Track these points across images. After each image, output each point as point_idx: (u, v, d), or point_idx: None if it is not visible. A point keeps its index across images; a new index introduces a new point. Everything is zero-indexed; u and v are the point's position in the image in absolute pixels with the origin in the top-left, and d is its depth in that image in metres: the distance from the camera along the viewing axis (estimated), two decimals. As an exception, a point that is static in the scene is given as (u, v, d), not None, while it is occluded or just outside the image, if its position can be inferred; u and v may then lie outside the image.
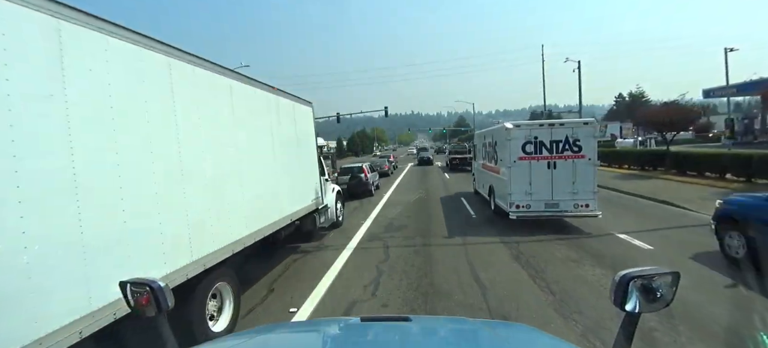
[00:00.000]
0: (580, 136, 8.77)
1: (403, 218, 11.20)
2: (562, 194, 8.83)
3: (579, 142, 8.75)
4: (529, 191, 8.93)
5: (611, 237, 8.02)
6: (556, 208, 8.90)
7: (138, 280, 1.36)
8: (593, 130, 8.98)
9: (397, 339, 1.40)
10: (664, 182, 15.29)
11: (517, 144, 8.97)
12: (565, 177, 8.80)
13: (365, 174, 16.61)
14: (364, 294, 5.49)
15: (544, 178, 8.88)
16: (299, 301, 5.32)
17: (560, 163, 8.83)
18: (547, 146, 8.87)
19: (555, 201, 8.87)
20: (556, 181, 8.84)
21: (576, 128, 8.87)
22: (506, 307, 4.83)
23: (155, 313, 1.31)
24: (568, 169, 8.80)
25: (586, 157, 8.75)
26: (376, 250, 7.84)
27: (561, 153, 8.83)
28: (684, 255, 6.48)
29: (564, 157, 8.82)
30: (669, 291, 1.12)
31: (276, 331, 1.82)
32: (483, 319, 1.93)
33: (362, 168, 16.92)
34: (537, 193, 8.92)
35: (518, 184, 8.97)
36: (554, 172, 8.84)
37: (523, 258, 6.79)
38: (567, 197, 8.81)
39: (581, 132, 8.81)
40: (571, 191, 8.79)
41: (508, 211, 9.10)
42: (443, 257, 7.11)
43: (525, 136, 8.96)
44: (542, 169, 8.89)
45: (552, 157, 8.86)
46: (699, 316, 4.22)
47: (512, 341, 1.39)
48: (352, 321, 1.66)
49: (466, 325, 1.69)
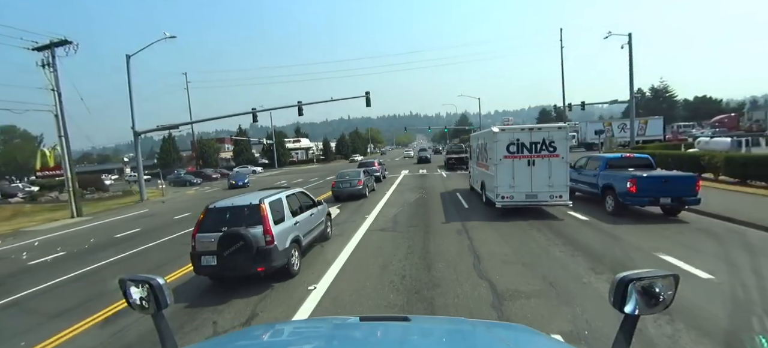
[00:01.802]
0: (555, 139, 10.52)
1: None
2: (540, 187, 10.57)
3: (554, 143, 10.50)
4: (513, 184, 10.67)
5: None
6: (535, 198, 10.65)
7: (138, 278, 1.34)
8: (566, 133, 10.73)
9: (396, 339, 1.41)
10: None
11: (503, 145, 10.71)
12: (543, 173, 10.54)
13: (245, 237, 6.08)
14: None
15: (525, 174, 10.62)
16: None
17: (538, 161, 10.58)
18: (528, 147, 10.61)
19: (534, 193, 10.62)
20: (534, 176, 10.58)
21: (551, 132, 10.63)
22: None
23: (155, 311, 1.30)
24: (545, 166, 10.54)
25: (560, 156, 10.50)
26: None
27: (539, 153, 10.57)
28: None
29: (541, 156, 10.57)
30: (669, 294, 1.11)
31: (275, 330, 1.83)
32: (481, 320, 2.01)
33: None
34: (519, 186, 10.66)
35: (503, 178, 10.71)
36: (533, 168, 10.59)
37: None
38: (544, 190, 10.56)
39: (556, 135, 10.56)
40: (547, 185, 10.53)
41: (495, 201, 10.84)
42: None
43: (509, 139, 10.70)
44: (523, 166, 10.63)
45: (531, 156, 10.61)
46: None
47: (510, 342, 1.39)
48: (351, 320, 1.67)
49: (465, 326, 1.70)
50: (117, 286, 1.37)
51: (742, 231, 8.13)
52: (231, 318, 5.35)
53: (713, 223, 8.93)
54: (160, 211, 20.61)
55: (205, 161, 61.61)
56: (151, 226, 15.33)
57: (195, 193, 31.63)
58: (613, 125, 42.85)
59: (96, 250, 11.46)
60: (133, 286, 1.33)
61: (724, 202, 10.63)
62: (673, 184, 9.44)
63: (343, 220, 11.90)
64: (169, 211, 19.96)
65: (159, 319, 1.30)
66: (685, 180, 9.47)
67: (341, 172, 18.10)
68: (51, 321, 6.01)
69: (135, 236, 13.25)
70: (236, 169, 52.97)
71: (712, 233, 8.07)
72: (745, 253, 6.64)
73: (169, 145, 63.84)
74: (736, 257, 6.42)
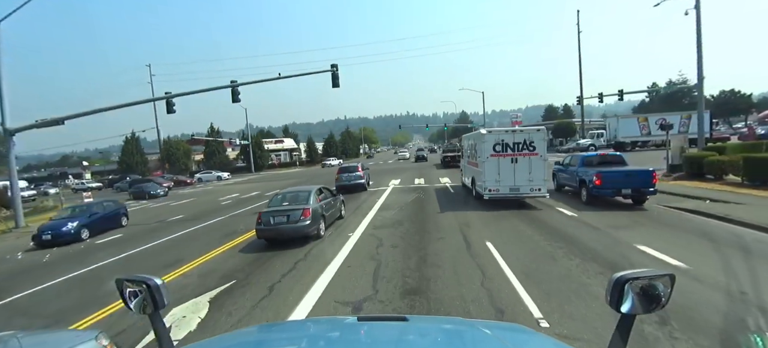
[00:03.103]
0: (534, 140, 12.11)
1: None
2: (521, 181, 12.15)
3: (533, 143, 12.09)
4: (498, 179, 12.25)
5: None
6: (518, 191, 12.23)
7: (135, 278, 1.33)
8: (544, 135, 12.34)
9: (394, 339, 1.43)
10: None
11: (489, 145, 12.28)
12: (524, 169, 12.12)
13: None
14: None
15: (508, 170, 12.20)
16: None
17: (520, 159, 12.16)
18: (511, 146, 12.19)
19: (517, 186, 12.20)
20: (517, 172, 12.16)
21: (531, 134, 12.24)
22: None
23: (151, 311, 1.30)
24: (525, 164, 12.12)
25: (539, 154, 12.09)
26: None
27: (520, 151, 12.16)
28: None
29: (523, 155, 12.15)
30: (665, 293, 1.13)
31: (272, 331, 1.83)
32: (479, 320, 2.03)
33: None
34: (504, 181, 12.23)
35: (490, 174, 12.29)
36: (516, 165, 12.17)
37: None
38: (525, 183, 12.15)
39: (535, 136, 12.16)
40: (528, 179, 12.12)
41: (483, 194, 12.42)
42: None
43: (495, 139, 12.28)
44: (507, 164, 12.21)
45: (514, 154, 12.19)
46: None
47: (507, 341, 1.38)
48: (349, 320, 1.68)
49: (462, 326, 1.72)
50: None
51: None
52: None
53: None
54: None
55: (172, 165, 55.08)
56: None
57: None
58: (649, 121, 36.21)
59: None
60: (130, 286, 1.34)
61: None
62: (634, 178, 11.07)
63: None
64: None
65: (156, 320, 1.31)
66: (644, 174, 11.07)
67: (276, 197, 10.88)
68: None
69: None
70: (198, 174, 48.34)
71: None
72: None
73: (133, 147, 55.89)
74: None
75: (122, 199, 23.91)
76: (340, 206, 12.69)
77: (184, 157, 58.27)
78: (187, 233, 12.99)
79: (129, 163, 54.02)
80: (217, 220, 15.02)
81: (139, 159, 55.72)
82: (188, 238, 12.22)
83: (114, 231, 15.43)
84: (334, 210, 11.82)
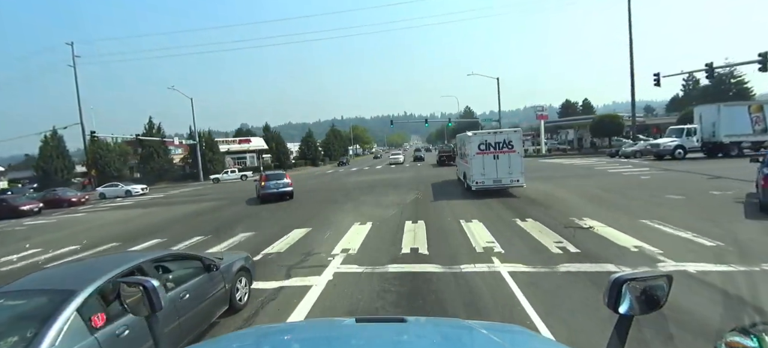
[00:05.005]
0: (512, 139, 14.58)
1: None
2: (503, 174, 14.58)
3: (512, 142, 14.55)
4: (483, 173, 14.69)
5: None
6: (500, 183, 14.66)
7: (132, 280, 1.35)
8: (520, 135, 14.83)
9: (392, 340, 1.44)
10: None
11: (475, 144, 14.72)
12: (505, 164, 14.56)
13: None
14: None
15: (492, 165, 14.63)
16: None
17: (501, 155, 14.59)
18: (493, 145, 14.63)
19: (499, 178, 14.64)
20: (499, 167, 14.59)
21: (509, 134, 14.73)
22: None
23: (148, 313, 1.31)
24: (505, 159, 14.56)
25: (516, 151, 14.54)
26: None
27: (501, 149, 14.60)
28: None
29: (503, 152, 14.59)
30: (662, 294, 1.14)
31: (271, 332, 1.85)
32: (478, 321, 1.86)
33: None
34: (488, 174, 14.67)
35: (477, 168, 14.72)
36: (498, 161, 14.60)
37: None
38: (506, 176, 14.58)
39: (513, 136, 14.65)
40: (508, 172, 14.55)
41: (471, 186, 14.85)
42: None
43: (479, 140, 14.74)
44: (490, 160, 14.64)
45: (496, 152, 14.63)
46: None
47: (506, 343, 1.40)
48: (347, 322, 1.70)
49: (461, 327, 1.73)
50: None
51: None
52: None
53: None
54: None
55: (100, 171, 43.91)
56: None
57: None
58: (765, 109, 25.47)
59: None
60: (128, 288, 1.35)
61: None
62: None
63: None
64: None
65: (153, 322, 1.32)
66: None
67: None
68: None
69: None
70: (100, 189, 35.03)
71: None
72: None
73: (51, 149, 44.36)
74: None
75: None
76: (233, 284, 5.28)
77: (117, 162, 46.45)
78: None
79: (45, 170, 43.43)
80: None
81: (61, 163, 44.87)
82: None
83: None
84: (201, 305, 4.55)
